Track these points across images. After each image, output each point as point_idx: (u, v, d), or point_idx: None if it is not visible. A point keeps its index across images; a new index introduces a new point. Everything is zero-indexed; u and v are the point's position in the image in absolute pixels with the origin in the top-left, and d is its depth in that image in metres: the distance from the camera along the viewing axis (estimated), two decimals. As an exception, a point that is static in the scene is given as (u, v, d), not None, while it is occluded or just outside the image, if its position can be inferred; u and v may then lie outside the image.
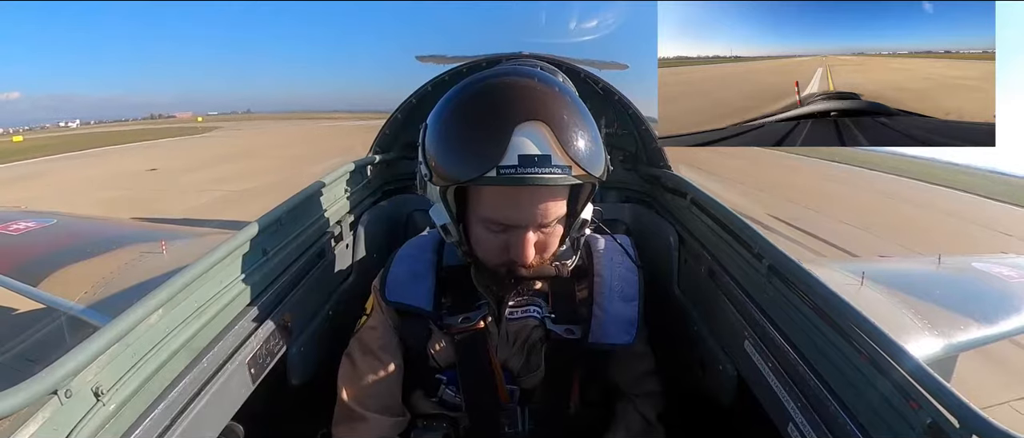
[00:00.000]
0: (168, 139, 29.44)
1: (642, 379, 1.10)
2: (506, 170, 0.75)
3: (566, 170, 0.78)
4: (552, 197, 0.83)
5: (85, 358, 0.59)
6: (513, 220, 0.83)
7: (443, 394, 1.01)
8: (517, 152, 0.75)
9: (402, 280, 1.02)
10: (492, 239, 0.87)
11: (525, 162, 0.75)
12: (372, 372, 1.03)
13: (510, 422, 0.99)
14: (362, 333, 1.06)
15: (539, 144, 0.76)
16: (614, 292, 1.02)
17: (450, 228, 0.89)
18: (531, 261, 0.86)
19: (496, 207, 0.83)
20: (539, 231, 0.86)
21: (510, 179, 0.76)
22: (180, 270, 0.78)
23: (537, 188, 0.80)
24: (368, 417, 1.01)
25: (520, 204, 0.82)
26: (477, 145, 0.78)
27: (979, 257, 2.12)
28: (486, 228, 0.86)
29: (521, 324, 1.00)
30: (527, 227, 0.84)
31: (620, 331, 1.00)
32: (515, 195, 0.81)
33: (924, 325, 1.33)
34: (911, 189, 14.25)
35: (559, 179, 0.78)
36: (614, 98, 1.65)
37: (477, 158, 0.77)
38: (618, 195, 1.70)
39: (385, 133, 1.72)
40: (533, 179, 0.76)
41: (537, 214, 0.83)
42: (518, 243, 0.84)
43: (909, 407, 0.61)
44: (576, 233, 0.94)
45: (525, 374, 1.00)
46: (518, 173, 0.75)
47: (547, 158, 0.76)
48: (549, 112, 0.78)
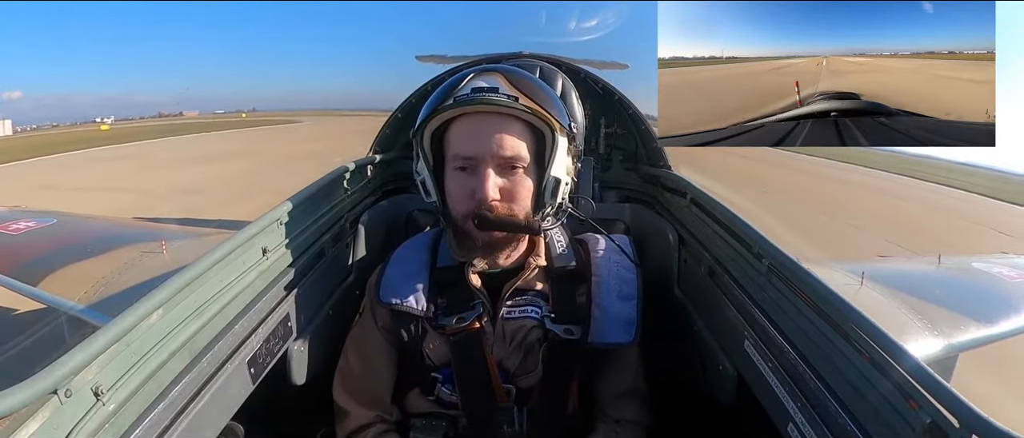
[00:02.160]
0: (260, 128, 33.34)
1: (625, 400, 1.06)
2: (461, 96, 0.90)
3: (513, 99, 0.89)
4: (509, 130, 0.91)
5: (85, 358, 0.59)
6: (473, 150, 0.91)
7: (439, 392, 1.01)
8: (470, 86, 0.91)
9: (395, 281, 1.03)
10: (459, 185, 0.93)
11: (477, 91, 0.90)
12: (360, 368, 1.06)
13: (508, 421, 0.99)
14: (354, 330, 1.09)
15: (490, 81, 0.91)
16: (612, 291, 1.03)
17: (428, 183, 0.97)
18: (492, 199, 0.90)
19: (459, 140, 0.92)
20: (502, 173, 0.92)
21: (464, 101, 0.89)
22: (180, 270, 0.78)
23: (493, 117, 0.90)
24: (351, 411, 1.05)
25: (478, 132, 0.91)
26: (444, 89, 0.93)
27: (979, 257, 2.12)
28: (455, 173, 0.94)
29: (519, 324, 1.00)
30: (487, 161, 0.91)
31: (620, 330, 1.00)
32: (475, 125, 0.91)
33: (924, 325, 1.33)
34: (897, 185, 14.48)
35: (505, 102, 0.88)
36: (614, 98, 1.65)
37: (440, 97, 0.92)
38: (618, 195, 1.70)
39: (385, 133, 1.72)
40: (482, 98, 0.89)
41: (494, 144, 0.90)
42: (480, 181, 0.91)
43: (909, 407, 0.61)
44: (549, 198, 0.96)
45: (522, 374, 1.00)
46: (470, 97, 0.89)
47: (495, 88, 0.90)
48: (504, 68, 0.95)
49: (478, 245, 0.95)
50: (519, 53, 1.72)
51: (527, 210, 0.94)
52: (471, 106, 0.89)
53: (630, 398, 1.07)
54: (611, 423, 1.06)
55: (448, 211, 0.97)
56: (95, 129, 37.86)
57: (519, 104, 0.89)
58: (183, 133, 29.74)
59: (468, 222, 0.93)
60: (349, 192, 1.40)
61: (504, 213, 0.92)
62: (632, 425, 1.06)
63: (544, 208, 0.96)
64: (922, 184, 15.99)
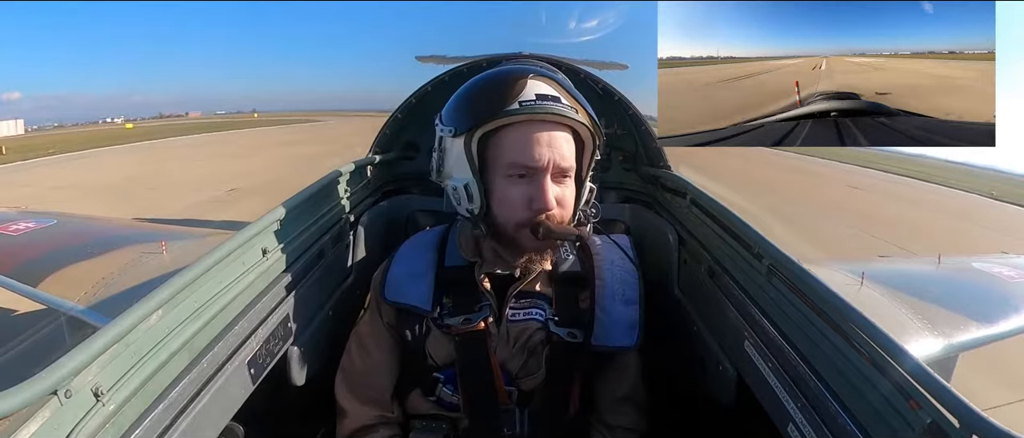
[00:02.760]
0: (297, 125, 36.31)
1: (623, 405, 1.06)
2: (527, 103, 0.87)
3: (574, 110, 0.89)
4: (566, 140, 0.91)
5: (85, 358, 0.59)
6: (535, 159, 0.89)
7: (441, 393, 1.01)
8: (533, 91, 0.88)
9: (401, 279, 1.03)
10: (514, 192, 0.91)
11: (542, 98, 0.88)
12: (363, 365, 1.06)
13: (509, 424, 0.99)
14: (359, 327, 1.09)
15: (550, 89, 0.90)
16: (616, 295, 1.03)
17: (472, 188, 0.92)
18: (553, 208, 0.90)
19: (518, 148, 0.89)
20: (556, 181, 0.92)
21: (533, 109, 0.87)
22: (180, 270, 0.78)
23: (554, 127, 0.89)
24: (351, 411, 1.04)
25: (541, 141, 0.89)
26: (497, 89, 0.90)
27: (979, 257, 2.12)
28: (508, 180, 0.91)
29: (523, 326, 1.00)
30: (547, 169, 0.89)
31: (622, 334, 1.00)
32: (535, 134, 0.89)
33: (924, 325, 1.33)
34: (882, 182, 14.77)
35: (571, 113, 0.89)
36: (614, 99, 1.65)
37: (500, 97, 0.88)
38: (618, 195, 1.70)
39: (385, 133, 1.71)
40: (552, 109, 0.87)
41: (556, 153, 0.89)
42: (540, 189, 0.89)
43: (909, 407, 0.61)
44: (585, 205, 0.98)
45: (524, 376, 1.00)
46: (538, 104, 0.87)
47: (557, 98, 0.89)
48: (551, 74, 0.94)
49: (525, 252, 0.95)
50: (519, 53, 1.72)
51: (570, 217, 0.96)
52: (540, 114, 0.88)
53: (627, 404, 1.07)
54: (608, 430, 1.06)
55: (492, 218, 0.93)
56: (119, 128, 40.34)
57: (580, 116, 0.90)
58: (211, 130, 31.68)
59: (521, 230, 0.91)
60: (349, 193, 1.40)
61: (559, 221, 0.92)
62: (626, 432, 1.06)
63: (579, 215, 0.98)
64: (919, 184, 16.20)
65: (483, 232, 0.95)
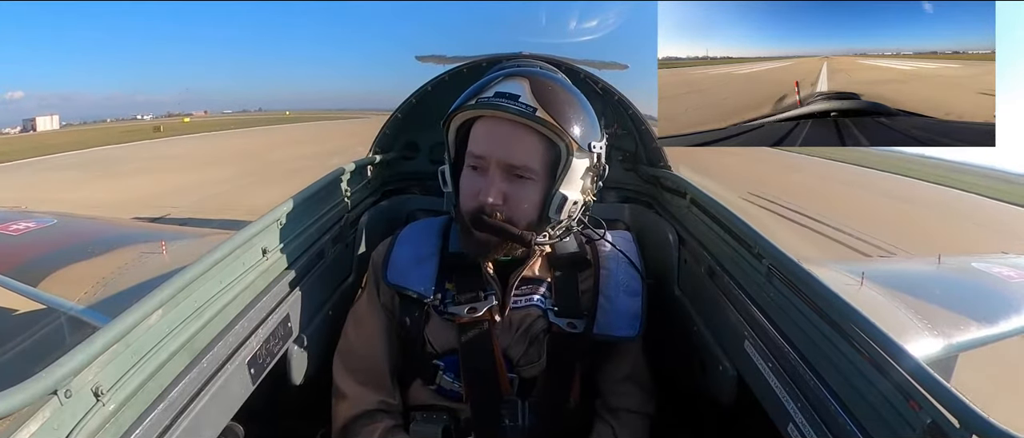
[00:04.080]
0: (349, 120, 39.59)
1: (626, 386, 1.06)
2: (483, 99, 0.91)
3: (531, 109, 0.88)
4: (521, 138, 0.91)
5: (85, 358, 0.59)
6: (484, 151, 0.92)
7: (441, 381, 1.00)
8: (496, 89, 0.91)
9: (404, 262, 1.03)
10: (468, 182, 0.95)
11: (499, 96, 0.90)
12: (361, 345, 1.05)
13: (510, 415, 0.99)
14: (356, 306, 1.10)
15: (515, 88, 0.91)
16: (619, 285, 1.03)
17: (446, 173, 1.00)
18: (491, 201, 0.91)
19: (476, 140, 0.94)
20: (508, 178, 0.92)
21: (484, 105, 0.91)
22: (180, 270, 0.77)
23: (509, 123, 0.90)
24: (350, 393, 1.04)
25: (493, 136, 0.92)
26: (478, 85, 0.95)
27: (979, 257, 2.12)
28: (468, 170, 0.96)
29: (524, 312, 1.00)
30: (495, 164, 0.92)
31: (625, 324, 1.00)
32: (491, 128, 0.92)
33: (924, 325, 1.32)
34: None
35: (519, 112, 0.88)
36: (614, 98, 1.65)
37: (470, 94, 0.94)
38: (618, 195, 1.70)
39: (385, 133, 1.71)
40: (500, 104, 0.89)
41: (503, 149, 0.91)
42: (485, 184, 0.92)
43: (909, 407, 0.61)
44: (555, 213, 0.94)
45: (525, 363, 1.00)
46: (491, 101, 0.90)
47: (516, 97, 0.90)
48: (534, 74, 0.95)
49: (472, 243, 0.96)
50: (519, 53, 1.72)
51: (530, 220, 0.94)
52: (490, 110, 0.91)
53: (631, 384, 1.06)
54: (611, 414, 1.05)
55: (457, 204, 0.98)
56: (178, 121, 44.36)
57: (535, 115, 0.88)
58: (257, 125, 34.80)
59: (469, 216, 0.94)
60: (349, 192, 1.40)
61: (501, 219, 0.92)
62: (633, 415, 1.05)
63: (550, 223, 0.95)
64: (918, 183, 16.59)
65: (454, 214, 1.00)
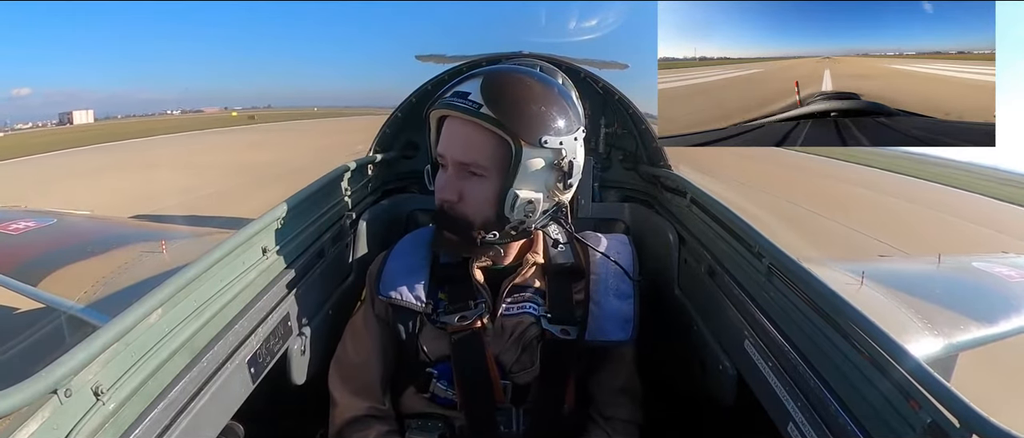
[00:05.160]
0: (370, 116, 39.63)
1: (619, 397, 1.06)
2: (441, 99, 0.94)
3: (475, 107, 0.89)
4: (471, 136, 0.92)
5: (85, 358, 0.59)
6: (442, 148, 0.95)
7: (435, 389, 1.01)
8: (454, 89, 0.94)
9: (396, 274, 1.04)
10: (438, 178, 0.98)
11: (454, 96, 0.92)
12: (356, 356, 1.07)
13: (505, 422, 0.99)
14: (354, 319, 1.10)
15: (467, 87, 0.92)
16: (609, 289, 1.03)
17: (428, 172, 1.02)
18: (445, 199, 0.94)
19: (441, 138, 0.97)
20: (462, 176, 0.94)
21: (439, 104, 0.94)
22: (180, 270, 0.77)
23: (459, 122, 0.93)
24: (341, 401, 1.05)
25: (448, 134, 0.95)
26: (443, 88, 0.97)
27: (979, 257, 2.12)
28: (440, 167, 0.98)
29: (517, 320, 1.00)
30: (448, 161, 0.94)
31: (616, 328, 1.00)
32: (449, 127, 0.95)
33: (924, 325, 1.33)
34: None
35: (464, 109, 0.90)
36: (614, 98, 1.65)
37: (438, 95, 0.97)
38: (618, 195, 1.70)
39: (385, 132, 1.71)
40: (451, 104, 0.92)
41: (456, 148, 0.93)
42: (442, 180, 0.96)
43: (909, 407, 0.61)
44: (510, 212, 0.92)
45: (518, 370, 1.00)
46: (446, 101, 0.93)
47: (466, 95, 0.91)
48: (492, 74, 0.96)
49: (441, 240, 0.99)
50: (519, 53, 1.72)
51: (486, 218, 0.93)
52: (444, 109, 0.94)
53: (623, 396, 1.07)
54: (606, 422, 1.05)
55: None
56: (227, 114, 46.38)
57: (479, 112, 0.88)
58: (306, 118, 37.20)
59: (436, 212, 0.97)
60: (349, 192, 1.40)
61: (456, 215, 0.94)
62: (624, 424, 1.06)
63: (505, 222, 0.94)
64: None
65: None
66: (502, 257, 1.02)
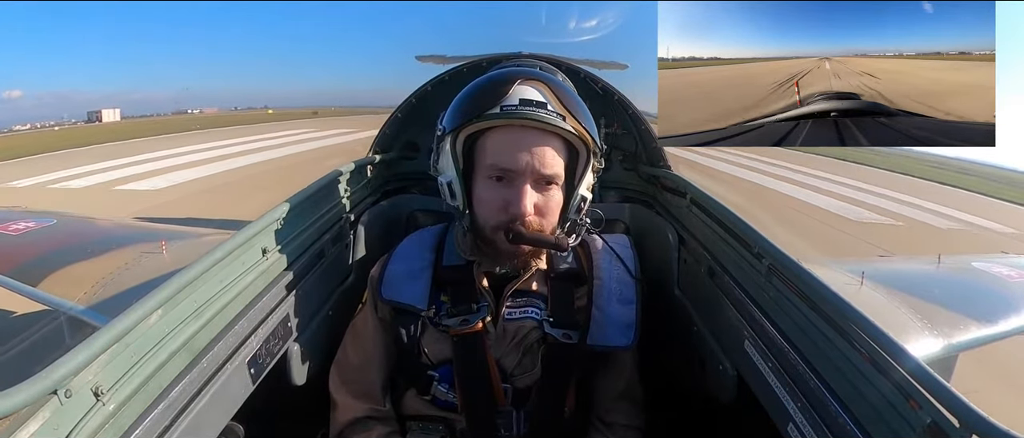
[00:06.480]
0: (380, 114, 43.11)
1: (619, 402, 1.07)
2: (508, 108, 0.87)
3: (561, 118, 0.87)
4: (550, 146, 0.90)
5: (85, 358, 0.59)
6: (513, 163, 0.89)
7: (436, 391, 1.01)
8: (519, 96, 0.88)
9: (398, 277, 1.03)
10: (493, 195, 0.91)
11: (525, 103, 0.87)
12: (356, 359, 1.06)
13: (506, 425, 0.99)
14: (355, 321, 1.10)
15: (538, 94, 0.89)
16: (612, 294, 1.03)
17: (454, 186, 0.94)
18: (529, 215, 0.90)
19: (499, 151, 0.90)
20: (538, 188, 0.91)
21: (512, 114, 0.87)
22: (180, 270, 0.77)
23: (536, 132, 0.89)
24: (341, 403, 1.05)
25: (520, 146, 0.89)
26: (485, 92, 0.91)
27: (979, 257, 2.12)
28: (488, 182, 0.92)
29: (519, 324, 1.00)
30: (526, 175, 0.89)
31: (618, 333, 1.00)
32: (517, 138, 0.89)
33: (924, 325, 1.32)
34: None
35: (555, 120, 0.87)
36: (614, 98, 1.65)
37: (485, 98, 0.89)
38: (618, 195, 1.70)
39: (385, 132, 1.71)
40: (532, 114, 0.86)
41: (536, 160, 0.88)
42: (517, 195, 0.89)
43: (909, 407, 0.61)
44: (574, 214, 0.95)
45: (520, 374, 1.00)
46: (519, 110, 0.87)
47: (544, 104, 0.88)
48: (547, 78, 0.92)
49: (502, 255, 0.95)
50: (519, 53, 1.72)
51: (554, 225, 0.95)
52: (519, 119, 0.88)
53: (624, 401, 1.07)
54: (608, 428, 1.06)
55: (474, 217, 0.95)
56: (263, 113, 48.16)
57: (566, 124, 0.88)
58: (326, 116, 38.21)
59: (498, 233, 0.92)
60: (349, 192, 1.40)
61: (536, 229, 0.91)
62: (624, 428, 1.06)
63: (567, 223, 0.96)
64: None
65: (465, 228, 0.97)
66: (494, 263, 1.00)
